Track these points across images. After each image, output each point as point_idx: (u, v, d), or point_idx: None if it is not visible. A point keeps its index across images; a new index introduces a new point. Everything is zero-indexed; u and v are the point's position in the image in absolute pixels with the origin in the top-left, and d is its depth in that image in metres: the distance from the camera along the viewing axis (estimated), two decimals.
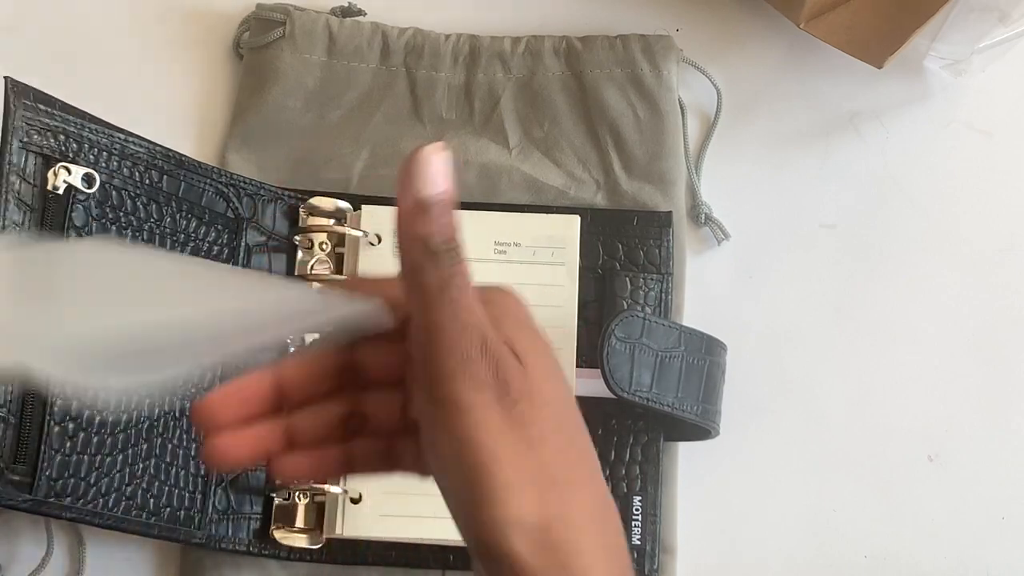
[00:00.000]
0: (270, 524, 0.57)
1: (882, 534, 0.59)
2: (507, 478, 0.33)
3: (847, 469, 0.60)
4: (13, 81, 0.50)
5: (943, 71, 0.64)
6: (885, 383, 0.61)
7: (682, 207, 0.62)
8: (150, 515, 0.53)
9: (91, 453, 0.51)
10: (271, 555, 0.57)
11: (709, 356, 0.57)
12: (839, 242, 0.63)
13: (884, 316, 0.62)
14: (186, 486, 0.55)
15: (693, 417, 0.56)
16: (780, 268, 0.62)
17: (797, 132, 0.65)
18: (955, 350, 0.62)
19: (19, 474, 0.50)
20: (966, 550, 0.59)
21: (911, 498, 0.60)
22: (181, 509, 0.55)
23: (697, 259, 0.62)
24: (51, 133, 0.51)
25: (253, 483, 0.57)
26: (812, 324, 0.62)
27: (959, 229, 0.63)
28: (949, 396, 0.61)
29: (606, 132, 0.62)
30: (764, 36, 0.65)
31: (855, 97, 0.65)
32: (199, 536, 0.55)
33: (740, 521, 0.59)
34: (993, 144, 0.65)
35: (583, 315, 0.59)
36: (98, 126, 0.53)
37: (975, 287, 0.62)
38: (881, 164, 0.64)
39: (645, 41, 0.63)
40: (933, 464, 0.60)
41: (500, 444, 0.33)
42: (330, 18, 0.63)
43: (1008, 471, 0.60)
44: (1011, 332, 0.62)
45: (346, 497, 0.56)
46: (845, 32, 0.61)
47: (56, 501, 0.50)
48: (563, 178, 0.62)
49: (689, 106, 0.64)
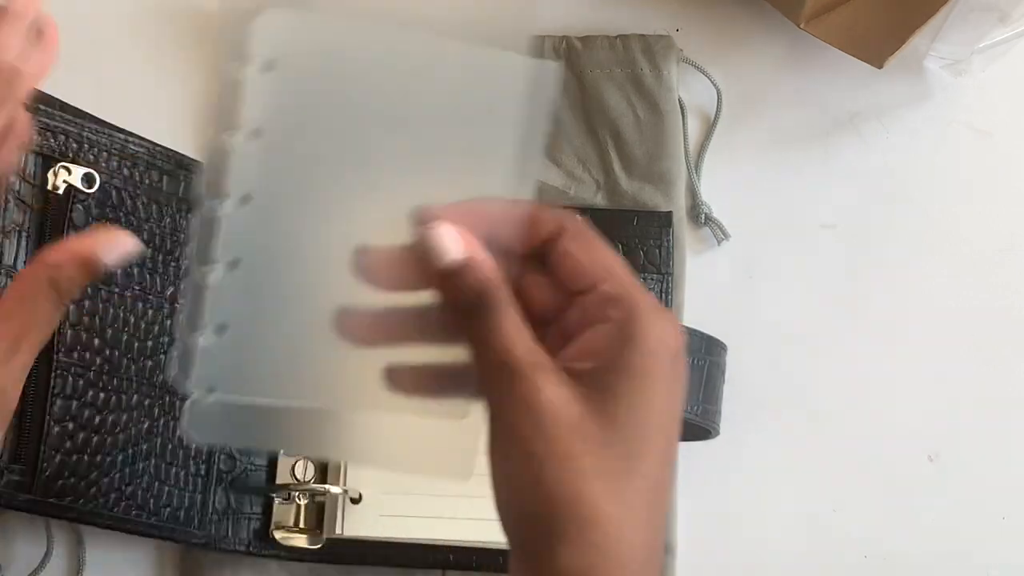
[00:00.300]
0: (270, 524, 0.57)
1: (882, 534, 0.59)
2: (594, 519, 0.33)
3: (847, 469, 0.60)
4: None
5: (943, 71, 0.64)
6: (885, 383, 0.61)
7: (682, 207, 0.62)
8: (150, 515, 0.53)
9: (91, 453, 0.51)
10: (271, 555, 0.57)
11: (709, 356, 0.57)
12: (839, 242, 0.63)
13: (884, 316, 0.62)
14: (186, 486, 0.55)
15: (693, 417, 0.56)
16: (780, 268, 0.62)
17: (797, 132, 0.65)
18: (955, 350, 0.62)
19: (18, 474, 0.50)
20: (966, 550, 0.59)
21: (911, 498, 0.60)
22: (181, 509, 0.55)
23: (697, 259, 0.62)
24: (51, 133, 0.51)
25: (253, 483, 0.57)
26: (812, 324, 0.62)
27: (959, 229, 0.63)
28: (949, 396, 0.61)
29: (606, 132, 0.62)
30: (764, 36, 0.65)
31: (855, 97, 0.65)
32: (199, 536, 0.55)
33: (740, 521, 0.59)
34: (993, 144, 0.65)
35: None
36: (98, 126, 0.53)
37: (975, 287, 0.62)
38: (881, 164, 0.64)
39: (645, 41, 0.63)
40: (933, 464, 0.60)
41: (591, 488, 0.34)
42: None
43: (1008, 471, 0.60)
44: (1011, 332, 0.62)
45: (346, 497, 0.56)
46: (845, 32, 0.61)
47: (55, 501, 0.50)
48: (563, 178, 0.62)
49: (689, 106, 0.64)
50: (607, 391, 0.34)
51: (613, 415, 0.34)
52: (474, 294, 0.34)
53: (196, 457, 0.55)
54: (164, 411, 0.54)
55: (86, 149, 0.53)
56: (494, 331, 0.34)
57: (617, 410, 0.34)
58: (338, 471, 0.57)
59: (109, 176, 0.53)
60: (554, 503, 0.33)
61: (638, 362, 0.34)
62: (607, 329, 0.35)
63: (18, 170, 0.50)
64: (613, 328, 0.35)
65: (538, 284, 0.37)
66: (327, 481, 0.57)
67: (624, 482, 0.34)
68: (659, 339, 0.35)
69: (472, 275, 0.34)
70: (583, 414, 0.34)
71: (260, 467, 0.58)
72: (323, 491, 0.56)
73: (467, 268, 0.34)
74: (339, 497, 0.56)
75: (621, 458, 0.34)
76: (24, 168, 0.50)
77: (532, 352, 0.34)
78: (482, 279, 0.34)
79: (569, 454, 0.33)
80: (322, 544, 0.56)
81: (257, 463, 0.57)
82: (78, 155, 0.52)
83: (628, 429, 0.34)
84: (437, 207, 0.35)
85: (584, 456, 0.33)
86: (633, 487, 0.34)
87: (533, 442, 0.34)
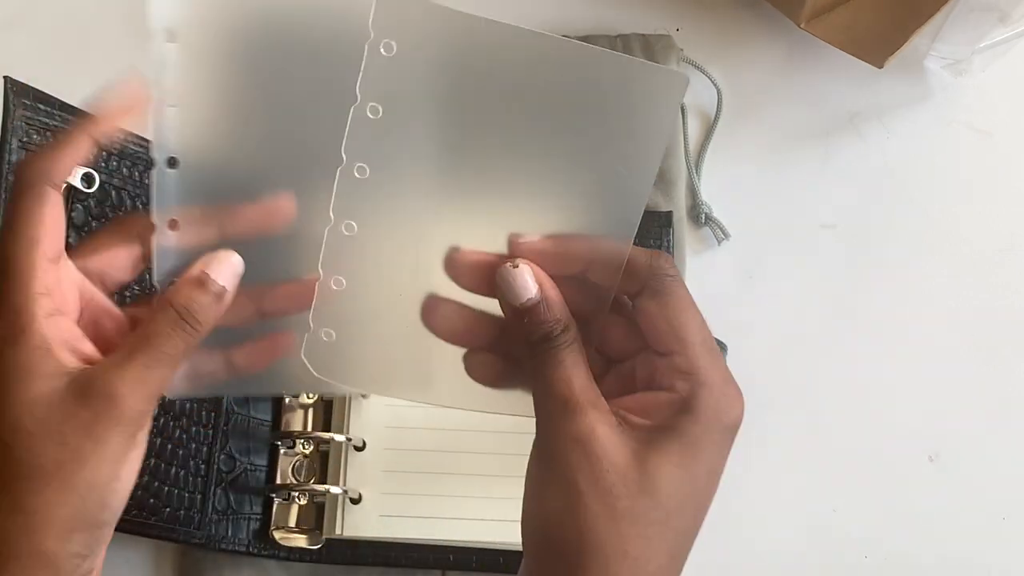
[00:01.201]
0: (270, 524, 0.57)
1: (882, 534, 0.59)
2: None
3: (847, 469, 0.60)
4: (13, 81, 0.50)
5: (943, 71, 0.64)
6: (885, 383, 0.61)
7: (682, 207, 0.62)
8: (150, 515, 0.53)
9: None
10: (271, 555, 0.57)
11: None
12: (839, 242, 0.63)
13: (884, 316, 0.62)
14: (186, 486, 0.55)
15: None
16: (780, 268, 0.62)
17: (797, 132, 0.65)
18: (955, 350, 0.62)
19: None
20: (966, 550, 0.59)
21: (911, 498, 0.60)
22: (181, 509, 0.55)
23: (697, 259, 0.62)
24: (51, 133, 0.51)
25: (253, 483, 0.57)
26: (812, 324, 0.62)
27: (959, 229, 0.63)
28: (949, 396, 0.61)
29: None
30: (764, 36, 0.65)
31: (855, 97, 0.65)
32: (199, 536, 0.55)
33: (740, 521, 0.59)
34: (993, 144, 0.65)
35: None
36: None
37: (975, 287, 0.62)
38: (881, 164, 0.64)
39: (645, 41, 0.63)
40: (933, 464, 0.60)
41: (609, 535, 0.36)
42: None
43: (1008, 471, 0.60)
44: (1011, 332, 0.62)
45: (346, 497, 0.56)
46: (845, 32, 0.61)
47: None
48: None
49: (689, 106, 0.64)
50: (658, 448, 0.36)
51: (659, 470, 0.36)
52: (541, 334, 0.37)
53: (196, 457, 0.55)
54: (164, 411, 0.54)
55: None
56: (557, 368, 0.37)
57: (663, 467, 0.36)
58: (338, 471, 0.57)
59: (109, 176, 0.53)
60: (584, 534, 0.35)
61: (692, 431, 0.37)
62: (670, 397, 0.37)
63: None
64: (677, 398, 0.37)
65: (617, 324, 0.40)
66: (327, 481, 0.57)
67: (655, 530, 0.36)
68: (717, 413, 0.37)
69: (541, 316, 0.37)
70: (629, 461, 0.36)
71: (260, 467, 0.58)
72: (323, 491, 0.56)
73: (537, 310, 0.37)
74: (339, 497, 0.56)
75: (656, 509, 0.36)
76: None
77: (589, 391, 0.37)
78: (551, 321, 0.37)
79: (609, 492, 0.36)
80: (322, 544, 0.56)
81: (257, 463, 0.57)
82: None
83: (670, 486, 0.36)
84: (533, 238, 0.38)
85: (623, 498, 0.36)
86: (661, 536, 0.36)
87: (577, 472, 0.36)
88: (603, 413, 0.37)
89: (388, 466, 0.56)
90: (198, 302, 0.38)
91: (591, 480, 0.36)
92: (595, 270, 0.39)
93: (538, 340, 0.37)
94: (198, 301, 0.38)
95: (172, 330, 0.38)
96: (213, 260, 0.39)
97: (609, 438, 0.36)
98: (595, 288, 0.39)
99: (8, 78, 0.50)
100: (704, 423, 0.37)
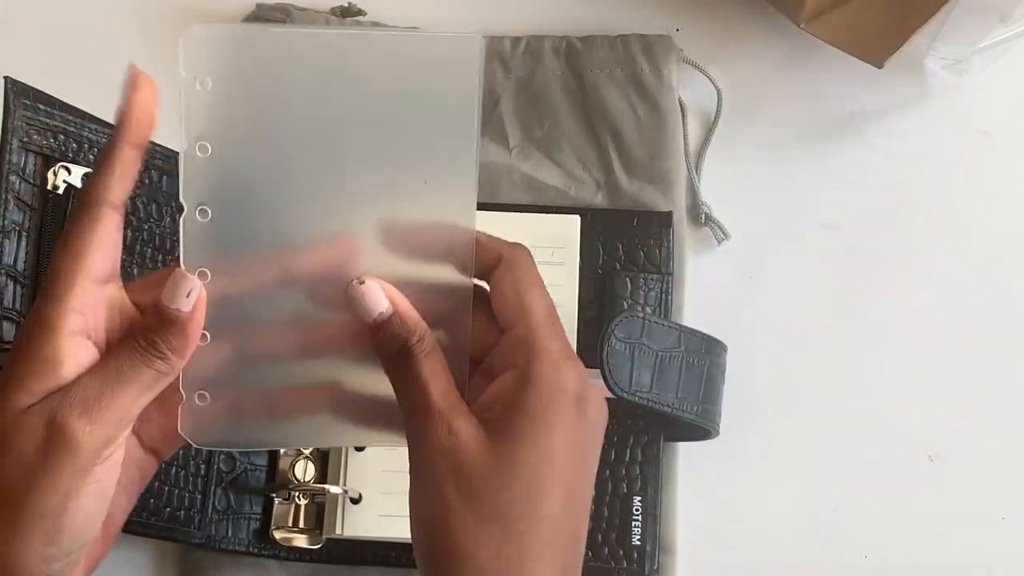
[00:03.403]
0: (270, 524, 0.57)
1: (882, 534, 0.59)
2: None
3: (847, 469, 0.60)
4: (13, 81, 0.50)
5: (943, 71, 0.64)
6: (885, 383, 0.61)
7: (682, 207, 0.62)
8: (150, 515, 0.53)
9: None
10: (271, 555, 0.57)
11: (709, 356, 0.57)
12: (839, 242, 0.63)
13: (884, 316, 0.62)
14: (186, 486, 0.55)
15: (693, 417, 0.56)
16: (780, 268, 0.62)
17: (797, 132, 0.65)
18: (955, 350, 0.62)
19: None
20: (966, 550, 0.59)
21: (911, 498, 0.60)
22: (181, 509, 0.55)
23: (697, 259, 0.62)
24: (51, 133, 0.51)
25: (253, 483, 0.57)
26: (812, 324, 0.62)
27: (959, 229, 0.63)
28: (949, 396, 0.61)
29: (606, 132, 0.62)
30: (764, 36, 0.65)
31: (855, 97, 0.65)
32: (199, 536, 0.55)
33: (740, 521, 0.59)
34: (993, 144, 0.65)
35: (583, 315, 0.59)
36: (98, 126, 0.53)
37: (975, 287, 0.62)
38: (881, 164, 0.64)
39: (645, 41, 0.63)
40: (933, 464, 0.60)
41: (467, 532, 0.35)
42: (330, 18, 0.63)
43: (1008, 471, 0.60)
44: (1011, 332, 0.62)
45: (346, 497, 0.56)
46: (845, 32, 0.61)
47: None
48: (563, 178, 0.62)
49: (689, 106, 0.64)
50: (508, 433, 0.36)
51: (514, 456, 0.35)
52: (397, 347, 0.37)
53: (196, 457, 0.55)
54: None
55: (86, 149, 0.53)
56: (415, 379, 0.36)
57: (517, 451, 0.36)
58: (338, 471, 0.57)
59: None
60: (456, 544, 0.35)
61: (534, 403, 0.36)
62: (513, 374, 0.37)
63: (18, 170, 0.50)
64: (518, 372, 0.37)
65: (479, 318, 0.39)
66: (327, 481, 0.57)
67: (525, 524, 0.35)
68: (555, 381, 0.36)
69: (394, 328, 0.37)
70: (488, 458, 0.36)
71: (260, 467, 0.58)
72: (323, 491, 0.56)
73: (390, 323, 0.37)
74: (339, 497, 0.56)
75: (520, 501, 0.35)
76: (24, 168, 0.50)
77: (448, 396, 0.37)
78: (405, 332, 0.37)
79: (474, 496, 0.35)
80: (322, 544, 0.56)
81: (257, 463, 0.58)
82: (78, 155, 0.52)
83: (527, 469, 0.35)
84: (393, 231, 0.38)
85: (487, 499, 0.35)
86: (533, 530, 0.35)
87: (443, 483, 0.36)
88: (463, 416, 0.36)
89: (388, 466, 0.56)
90: (159, 330, 0.37)
91: (455, 488, 0.35)
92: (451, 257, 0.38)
93: (395, 353, 0.37)
94: (159, 329, 0.37)
95: (137, 362, 0.36)
96: (168, 285, 0.37)
97: (469, 442, 0.36)
98: (453, 288, 0.38)
99: (8, 78, 0.50)
100: (546, 392, 0.36)
